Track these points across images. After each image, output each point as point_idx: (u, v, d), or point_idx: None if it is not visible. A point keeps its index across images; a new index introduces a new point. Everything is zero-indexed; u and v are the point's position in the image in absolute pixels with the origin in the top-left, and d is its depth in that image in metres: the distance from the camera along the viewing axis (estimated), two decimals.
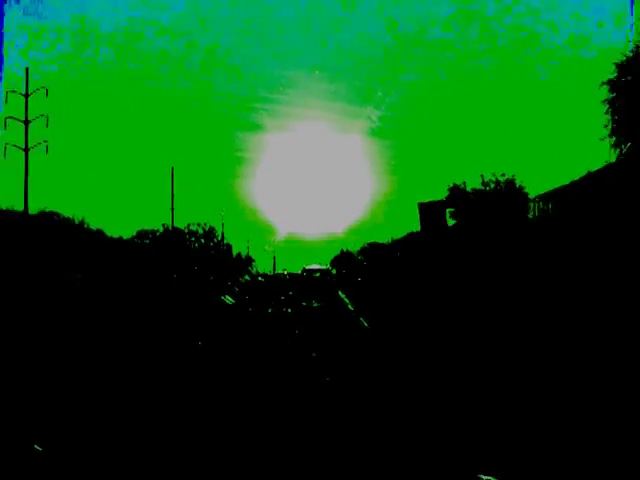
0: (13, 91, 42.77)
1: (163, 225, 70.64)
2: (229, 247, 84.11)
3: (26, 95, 42.80)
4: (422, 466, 7.27)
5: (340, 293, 42.05)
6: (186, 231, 74.57)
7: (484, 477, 6.72)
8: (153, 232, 68.56)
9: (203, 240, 76.99)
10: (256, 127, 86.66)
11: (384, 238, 64.75)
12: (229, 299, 36.55)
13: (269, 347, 17.08)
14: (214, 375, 12.80)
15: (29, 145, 42.49)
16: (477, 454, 7.58)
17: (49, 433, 8.45)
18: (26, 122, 42.68)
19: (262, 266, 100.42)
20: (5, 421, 9.06)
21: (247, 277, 73.78)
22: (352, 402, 10.39)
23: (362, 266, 67.94)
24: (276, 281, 58.44)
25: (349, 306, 32.92)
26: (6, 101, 42.95)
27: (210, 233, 78.07)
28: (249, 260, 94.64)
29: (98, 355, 15.14)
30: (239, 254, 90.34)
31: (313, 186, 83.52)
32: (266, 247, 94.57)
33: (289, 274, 62.63)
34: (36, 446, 7.75)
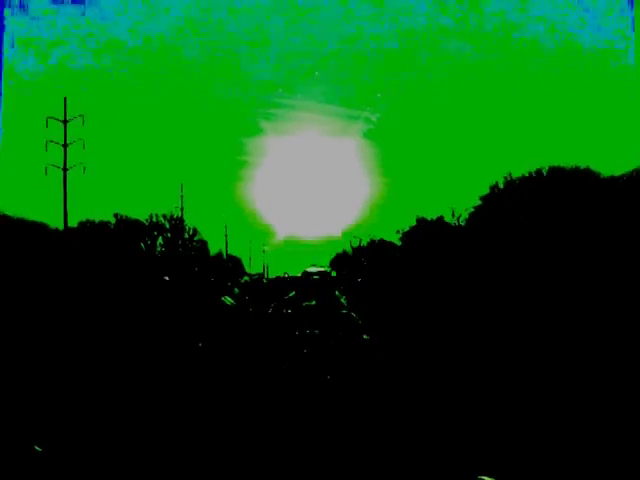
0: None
1: (115, 215, 57.60)
2: (204, 244, 71.19)
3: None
4: (422, 466, 7.27)
5: (337, 293, 42.63)
6: (147, 224, 61.81)
7: (484, 477, 6.72)
8: (103, 224, 56.24)
9: (169, 234, 63.79)
10: (257, 131, 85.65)
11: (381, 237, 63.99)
12: (229, 300, 36.53)
13: (269, 348, 17.09)
14: (215, 377, 12.80)
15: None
16: (477, 454, 7.59)
17: (49, 433, 8.45)
18: None
19: (257, 267, 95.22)
20: (5, 421, 9.06)
21: (246, 278, 73.11)
22: (350, 401, 10.40)
23: (362, 266, 66.74)
24: (277, 283, 58.89)
25: (344, 304, 33.77)
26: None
27: (177, 227, 64.46)
28: (233, 260, 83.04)
29: (96, 357, 15.14)
30: (220, 253, 76.90)
31: (312, 189, 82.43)
32: (266, 248, 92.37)
33: (290, 277, 62.94)
34: (36, 447, 7.74)
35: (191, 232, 66.26)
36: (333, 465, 7.39)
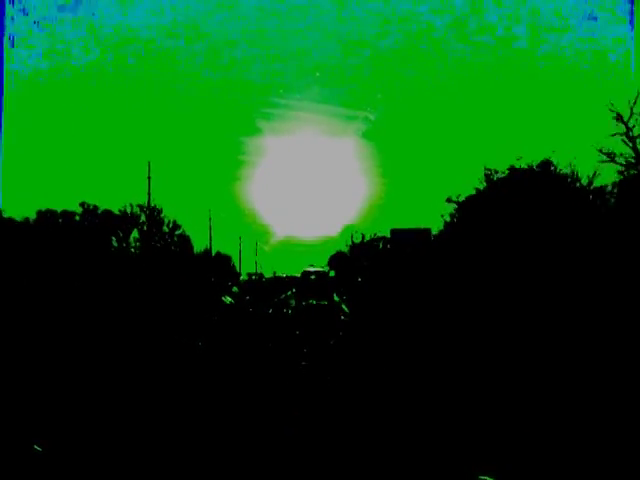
0: None
1: (82, 205, 49.37)
2: (185, 239, 61.21)
3: None
4: (422, 466, 7.28)
5: (335, 296, 42.90)
6: (120, 214, 52.52)
7: (482, 477, 6.73)
8: (66, 215, 49.49)
9: (146, 227, 54.83)
10: (255, 130, 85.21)
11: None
12: (228, 299, 36.57)
13: (269, 348, 17.10)
14: (215, 377, 12.80)
15: None
16: (476, 454, 7.59)
17: (49, 433, 8.45)
18: None
19: (250, 267, 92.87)
20: (5, 421, 9.06)
21: (245, 277, 72.96)
22: (349, 400, 10.41)
23: (361, 265, 65.40)
24: (276, 283, 58.91)
25: (342, 306, 34.03)
26: None
27: (155, 218, 55.00)
28: (222, 258, 75.55)
29: (96, 356, 15.13)
30: (206, 250, 68.63)
31: (310, 189, 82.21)
32: (265, 248, 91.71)
33: (287, 277, 62.99)
34: (36, 446, 7.75)
35: (171, 225, 57.72)
36: (332, 464, 7.40)
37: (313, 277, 43.95)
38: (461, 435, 8.38)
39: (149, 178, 50.53)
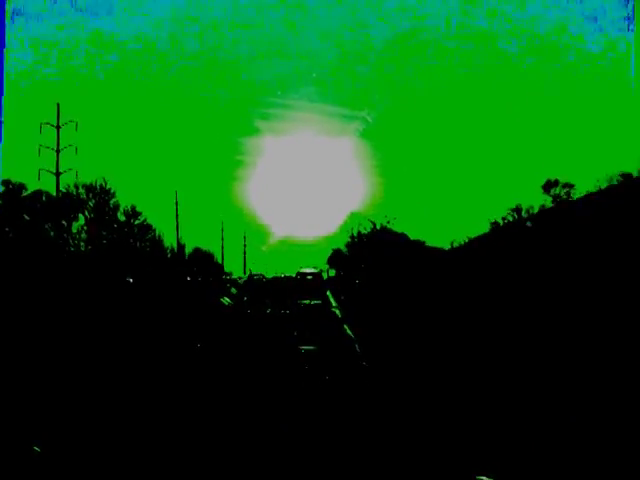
0: None
1: (6, 183, 39.01)
2: (147, 228, 48.83)
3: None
4: (419, 466, 7.30)
5: (329, 294, 43.23)
6: (60, 197, 41.09)
7: (480, 477, 6.76)
8: None
9: (93, 214, 43.16)
10: (253, 131, 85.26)
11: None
12: (227, 300, 36.64)
13: (267, 349, 17.15)
14: (213, 377, 12.83)
15: None
16: (474, 454, 7.62)
17: (48, 433, 8.47)
18: None
19: (239, 264, 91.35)
20: (4, 422, 9.08)
21: (244, 277, 72.99)
22: (347, 399, 10.45)
23: (358, 264, 64.37)
24: (273, 283, 59.31)
25: (333, 305, 34.47)
26: None
27: (106, 202, 43.37)
28: (202, 255, 65.32)
29: (93, 356, 15.15)
30: (181, 246, 58.21)
31: (308, 189, 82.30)
32: (263, 248, 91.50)
33: (285, 277, 63.40)
34: (35, 447, 7.77)
35: (130, 212, 46.34)
36: (331, 464, 7.42)
37: (309, 277, 44.50)
38: (458, 434, 8.41)
39: (58, 127, 40.01)
